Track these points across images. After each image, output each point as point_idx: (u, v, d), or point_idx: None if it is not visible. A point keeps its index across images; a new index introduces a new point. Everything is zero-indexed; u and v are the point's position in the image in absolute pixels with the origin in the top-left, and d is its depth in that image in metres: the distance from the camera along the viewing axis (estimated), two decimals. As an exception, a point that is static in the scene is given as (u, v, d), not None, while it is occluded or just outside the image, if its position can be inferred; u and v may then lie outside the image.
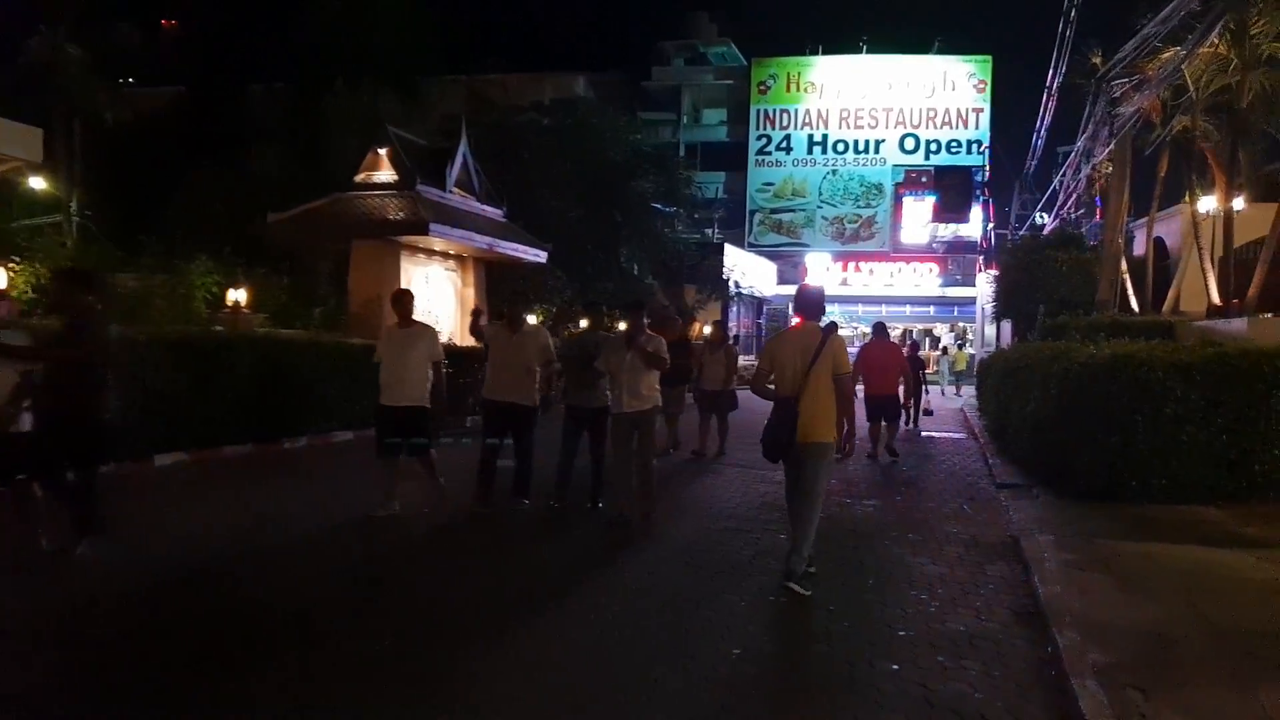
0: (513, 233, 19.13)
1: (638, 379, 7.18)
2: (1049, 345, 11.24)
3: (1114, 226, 15.30)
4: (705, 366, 11.95)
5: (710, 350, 12.14)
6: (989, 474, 11.03)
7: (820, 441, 5.56)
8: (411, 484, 7.69)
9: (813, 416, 5.50)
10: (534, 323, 23.27)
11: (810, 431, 5.51)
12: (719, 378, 11.82)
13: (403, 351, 7.48)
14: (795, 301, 6.17)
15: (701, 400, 11.97)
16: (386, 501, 7.41)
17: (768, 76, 45.22)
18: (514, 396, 7.67)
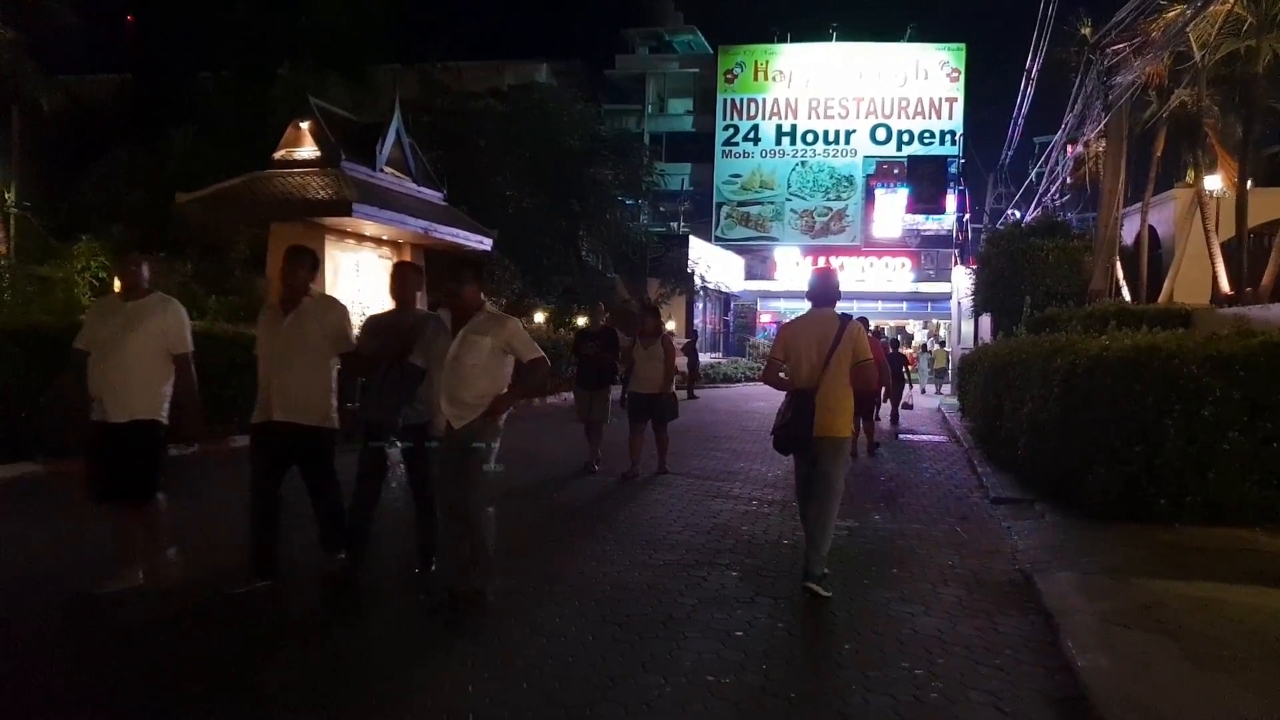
0: (454, 217, 17.50)
1: (461, 379, 4.73)
2: (1047, 338, 9.84)
3: (1109, 209, 14.00)
4: (637, 364, 9.46)
5: (643, 344, 9.52)
6: (980, 485, 9.60)
7: (838, 436, 5.35)
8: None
9: (830, 409, 5.26)
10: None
11: (828, 425, 5.26)
12: (655, 378, 9.36)
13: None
14: (809, 288, 5.69)
15: (634, 407, 9.48)
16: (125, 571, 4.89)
17: (735, 64, 43.80)
18: (293, 414, 4.97)
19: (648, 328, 9.74)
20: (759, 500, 8.19)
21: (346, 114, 15.93)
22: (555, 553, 6.10)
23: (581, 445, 9.90)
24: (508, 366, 4.85)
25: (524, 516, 6.87)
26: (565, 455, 10.23)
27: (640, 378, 9.43)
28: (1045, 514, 7.63)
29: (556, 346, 17.74)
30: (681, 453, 11.39)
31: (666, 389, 9.42)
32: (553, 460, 10.05)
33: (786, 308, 43.91)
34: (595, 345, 9.78)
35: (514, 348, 4.81)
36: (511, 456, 9.57)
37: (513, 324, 4.93)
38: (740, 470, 10.10)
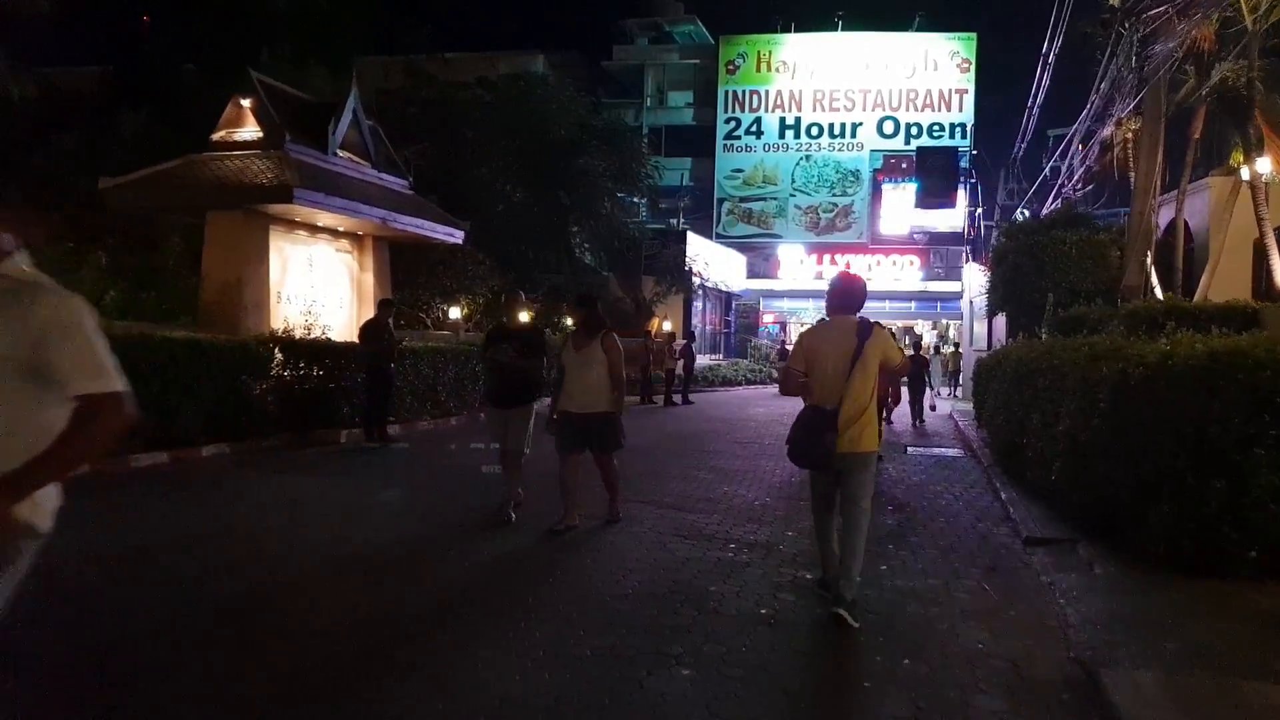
0: (419, 207, 16.01)
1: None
2: (1084, 341, 8.30)
3: (1144, 196, 12.46)
4: (568, 372, 6.88)
5: (575, 345, 6.91)
6: (1006, 517, 8.06)
7: (866, 451, 5.08)
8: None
9: (856, 423, 4.98)
10: (456, 316, 20.25)
11: (855, 440, 4.98)
12: (592, 392, 6.77)
13: None
14: (830, 294, 5.39)
15: (563, 432, 6.92)
16: None
17: (736, 55, 42.26)
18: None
19: (585, 322, 7.01)
20: (738, 542, 6.65)
21: (296, 92, 14.46)
22: (429, 654, 4.28)
23: (490, 486, 7.78)
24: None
25: (397, 599, 5.09)
26: (468, 501, 7.84)
27: (572, 391, 6.82)
28: (1094, 563, 6.09)
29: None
30: (657, 473, 9.90)
31: (613, 408, 6.84)
32: (446, 510, 7.77)
33: (790, 307, 42.44)
34: (513, 347, 7.22)
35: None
36: (385, 508, 7.86)
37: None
38: (722, 497, 8.57)
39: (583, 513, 7.07)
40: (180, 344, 9.94)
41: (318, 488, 8.94)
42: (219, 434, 10.66)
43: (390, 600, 5.08)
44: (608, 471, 7.14)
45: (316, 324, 13.60)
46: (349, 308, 15.35)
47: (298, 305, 14.08)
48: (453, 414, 14.52)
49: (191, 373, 10.06)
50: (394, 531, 6.87)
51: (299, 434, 11.70)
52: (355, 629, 4.54)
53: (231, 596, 5.10)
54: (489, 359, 7.50)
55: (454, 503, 8.12)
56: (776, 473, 10.30)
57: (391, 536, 6.70)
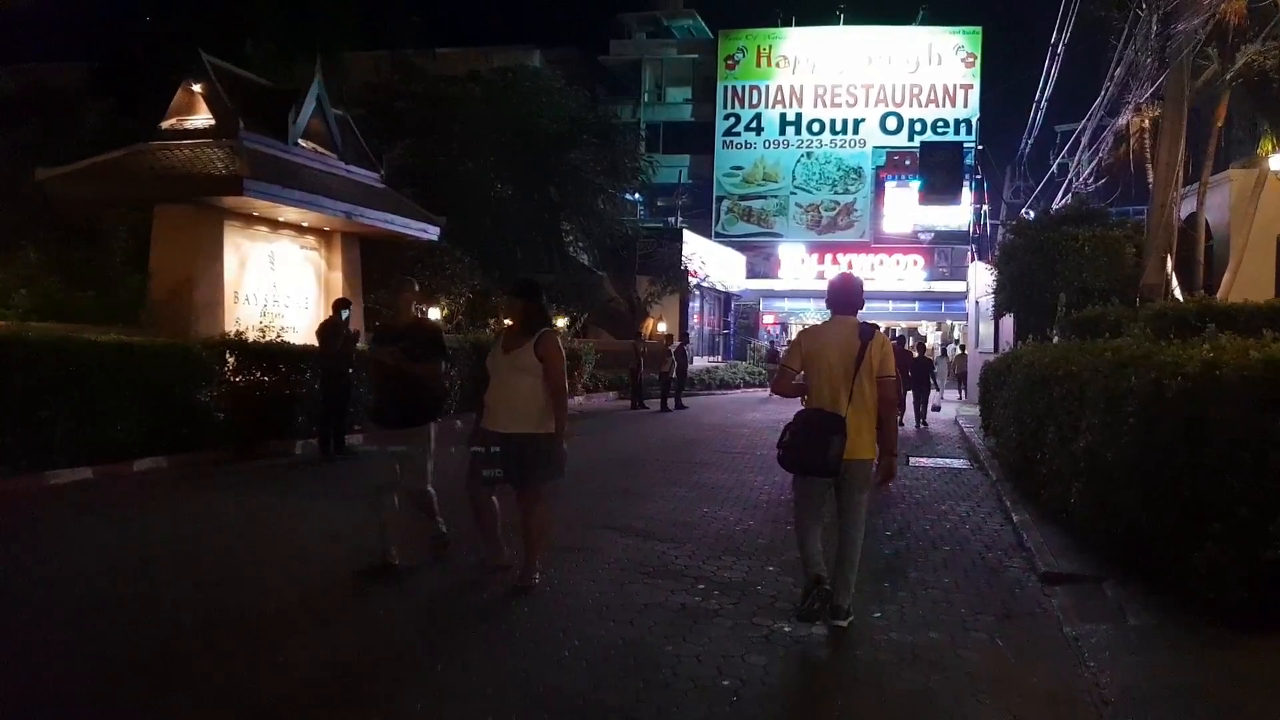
0: (391, 202, 15.09)
1: None
2: (1108, 345, 7.37)
3: (1165, 187, 11.52)
4: (493, 380, 5.39)
5: (506, 345, 5.40)
6: (1020, 546, 7.12)
7: (864, 459, 4.82)
8: None
9: (856, 430, 4.74)
10: (435, 317, 19.32)
11: (854, 448, 4.73)
12: (523, 406, 5.24)
13: None
14: (830, 294, 5.17)
15: (479, 459, 5.33)
16: None
17: (736, 50, 41.31)
18: None
19: (523, 316, 5.40)
20: (709, 582, 5.71)
21: (254, 77, 13.54)
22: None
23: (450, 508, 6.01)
24: None
25: (275, 672, 4.04)
26: (412, 525, 5.95)
27: (495, 405, 5.28)
28: (1127, 609, 5.16)
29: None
30: (633, 491, 8.96)
31: (548, 429, 5.26)
32: (308, 558, 6.10)
33: (791, 307, 41.50)
34: (401, 349, 5.62)
35: None
36: (309, 537, 6.74)
37: None
38: (700, 520, 7.63)
39: (511, 552, 5.59)
40: (108, 348, 9.04)
41: (248, 508, 8.03)
42: (156, 446, 9.76)
43: (254, 681, 4.08)
44: (529, 514, 5.34)
45: (276, 326, 12.69)
46: (315, 308, 14.45)
47: (258, 306, 13.19)
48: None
49: (121, 379, 9.15)
50: (306, 568, 5.94)
51: (249, 445, 10.80)
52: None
53: (113, 648, 4.18)
54: (374, 365, 6.07)
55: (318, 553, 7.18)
56: (764, 489, 9.37)
57: (302, 575, 5.77)
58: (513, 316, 5.62)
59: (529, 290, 5.52)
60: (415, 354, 5.62)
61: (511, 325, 5.60)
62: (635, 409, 20.57)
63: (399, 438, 5.63)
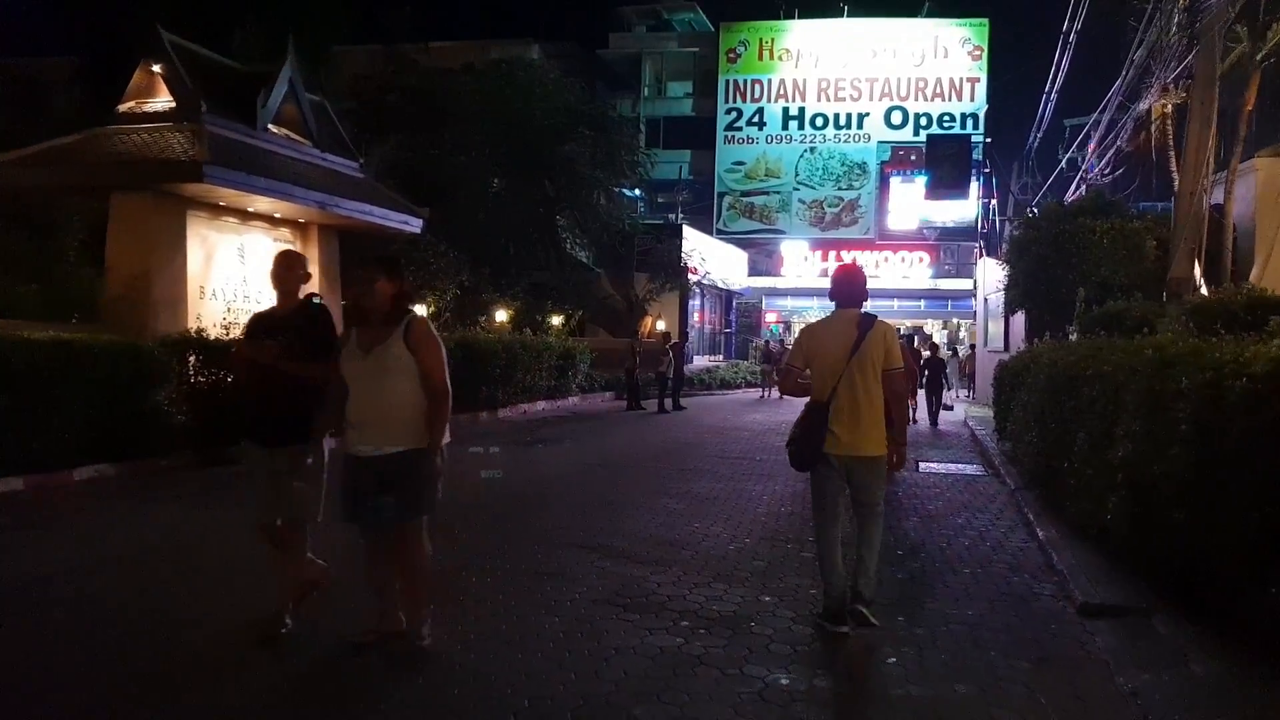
0: (370, 192, 14.29)
1: None
2: (1148, 342, 6.56)
3: (1194, 173, 10.71)
4: (351, 386, 4.11)
5: (362, 340, 4.13)
6: (1048, 565, 6.32)
7: (872, 455, 4.68)
8: None
9: (861, 423, 4.61)
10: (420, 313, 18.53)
11: (858, 443, 4.62)
12: (393, 416, 4.03)
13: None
14: (832, 287, 4.94)
15: (348, 489, 4.14)
16: None
17: (738, 43, 40.49)
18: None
19: (388, 302, 4.13)
20: (695, 617, 4.90)
21: (221, 59, 12.73)
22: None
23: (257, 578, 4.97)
24: None
25: None
26: (239, 594, 5.09)
27: (363, 419, 4.06)
28: (1188, 653, 4.34)
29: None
30: (616, 502, 8.16)
31: (423, 442, 4.04)
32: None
33: (794, 306, 40.69)
34: (282, 343, 4.39)
35: None
36: (229, 565, 5.57)
37: None
38: (689, 538, 6.83)
39: (421, 613, 4.29)
40: (42, 346, 8.26)
41: (187, 522, 7.24)
42: (103, 452, 9.00)
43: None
44: (408, 556, 4.18)
45: (245, 323, 11.86)
46: (291, 305, 13.63)
47: (226, 302, 12.41)
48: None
49: (59, 380, 8.37)
50: (221, 606, 5.14)
51: (211, 451, 10.01)
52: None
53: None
54: (241, 364, 4.88)
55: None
56: (763, 500, 8.57)
57: (214, 616, 4.98)
58: (369, 301, 4.11)
59: (392, 267, 4.19)
60: (299, 350, 4.36)
61: (362, 312, 4.17)
62: (632, 410, 19.78)
63: (281, 458, 4.39)
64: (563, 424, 16.12)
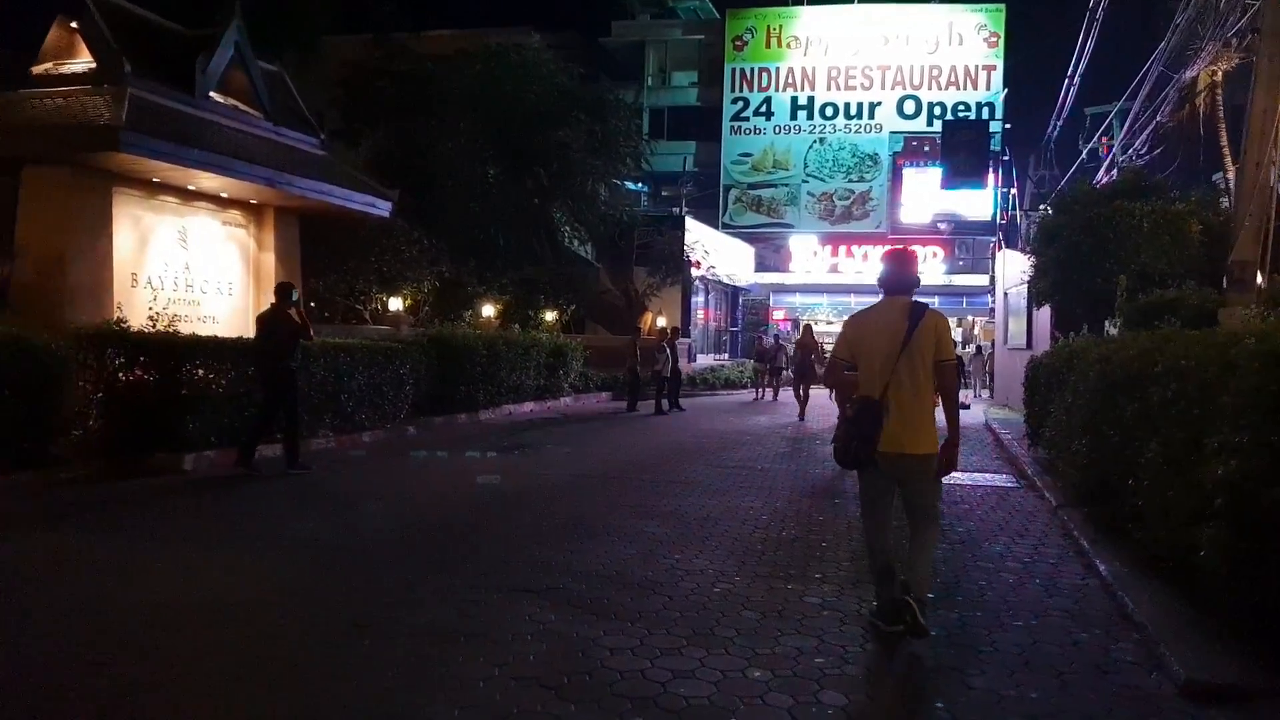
0: (331, 171, 12.95)
1: None
2: (1249, 330, 5.17)
3: (1261, 140, 9.29)
4: None
5: None
6: (1121, 614, 4.93)
7: (925, 454, 4.41)
8: None
9: (912, 419, 4.36)
10: (397, 307, 17.22)
11: (910, 440, 4.36)
12: None
13: None
14: (881, 272, 4.67)
15: None
16: None
17: (745, 30, 39.04)
18: None
19: None
20: (654, 707, 3.52)
21: (155, 17, 11.38)
22: None
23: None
24: None
25: None
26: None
27: None
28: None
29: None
30: (585, 524, 6.77)
31: None
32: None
33: (802, 303, 39.31)
34: None
35: None
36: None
37: None
38: (665, 576, 5.44)
39: None
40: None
41: (57, 553, 5.89)
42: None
43: None
44: None
45: (188, 314, 10.61)
46: (244, 294, 12.37)
47: (165, 291, 11.11)
48: (364, 429, 11.49)
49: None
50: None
51: (126, 460, 8.70)
52: None
53: None
54: None
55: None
56: (761, 520, 7.19)
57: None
58: None
59: None
60: None
61: None
62: (631, 411, 18.42)
63: None
64: (549, 427, 14.76)
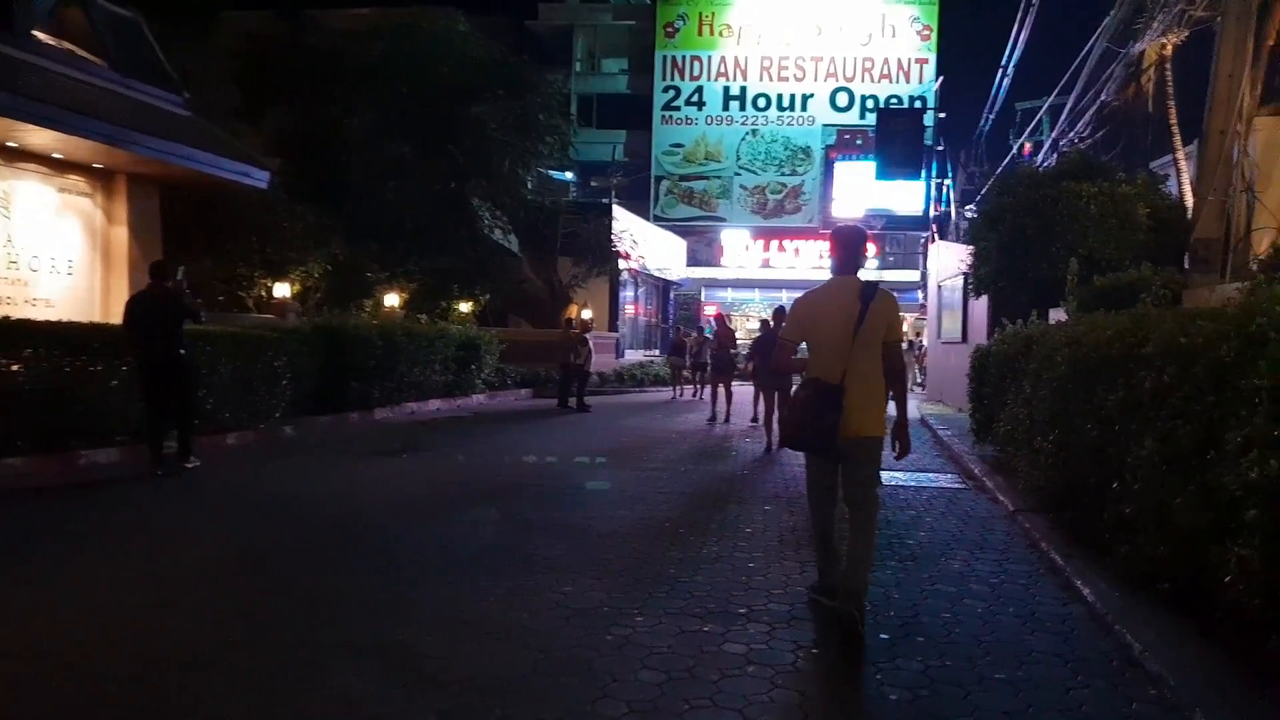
0: (194, 133, 11.35)
1: None
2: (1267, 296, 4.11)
3: (1225, 108, 8.43)
4: None
5: None
6: (1125, 659, 3.79)
7: (870, 436, 4.25)
8: None
9: (862, 402, 4.19)
10: (284, 294, 15.58)
11: (861, 423, 4.19)
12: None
13: None
14: (831, 249, 4.53)
15: None
16: None
17: (676, 17, 37.94)
18: None
19: None
20: None
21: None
22: None
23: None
24: None
25: None
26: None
27: None
28: None
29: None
30: (444, 557, 5.44)
31: None
32: None
33: (735, 298, 38.39)
34: None
35: None
36: None
37: None
38: (543, 621, 4.16)
39: None
40: None
41: None
42: None
43: None
44: None
45: (13, 295, 8.98)
46: (87, 274, 10.72)
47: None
48: (229, 429, 9.96)
49: None
50: None
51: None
52: None
53: None
54: None
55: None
56: (678, 533, 5.94)
57: None
58: None
59: None
60: None
61: None
62: (564, 408, 17.10)
63: None
64: (453, 427, 13.35)
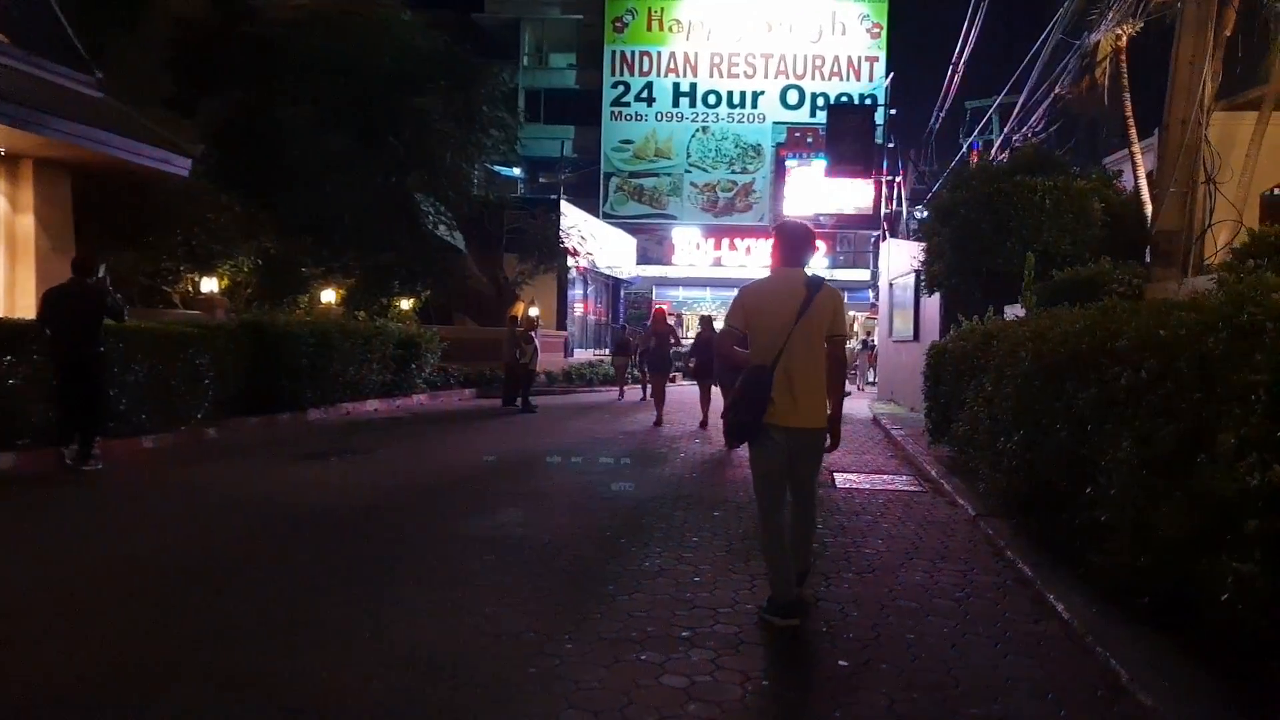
0: (108, 115, 10.60)
1: None
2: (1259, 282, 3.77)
3: (1187, 95, 8.21)
4: None
5: None
6: (1114, 690, 3.41)
7: (816, 428, 4.27)
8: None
9: (807, 392, 4.21)
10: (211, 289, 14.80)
11: (807, 414, 4.20)
12: None
13: None
14: (775, 243, 4.54)
15: None
16: None
17: (625, 11, 37.51)
18: None
19: None
20: None
21: None
22: None
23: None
24: None
25: None
26: None
27: None
28: None
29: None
30: (352, 576, 4.93)
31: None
32: None
33: (685, 296, 38.05)
34: None
35: None
36: None
37: None
38: (460, 649, 3.66)
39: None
40: None
41: None
42: None
43: None
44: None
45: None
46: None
47: None
48: (145, 431, 9.27)
49: None
50: None
51: None
52: None
53: None
54: None
55: None
56: (619, 543, 5.47)
57: None
58: None
59: None
60: None
61: None
62: (509, 407, 16.54)
63: None
64: (389, 428, 12.74)
